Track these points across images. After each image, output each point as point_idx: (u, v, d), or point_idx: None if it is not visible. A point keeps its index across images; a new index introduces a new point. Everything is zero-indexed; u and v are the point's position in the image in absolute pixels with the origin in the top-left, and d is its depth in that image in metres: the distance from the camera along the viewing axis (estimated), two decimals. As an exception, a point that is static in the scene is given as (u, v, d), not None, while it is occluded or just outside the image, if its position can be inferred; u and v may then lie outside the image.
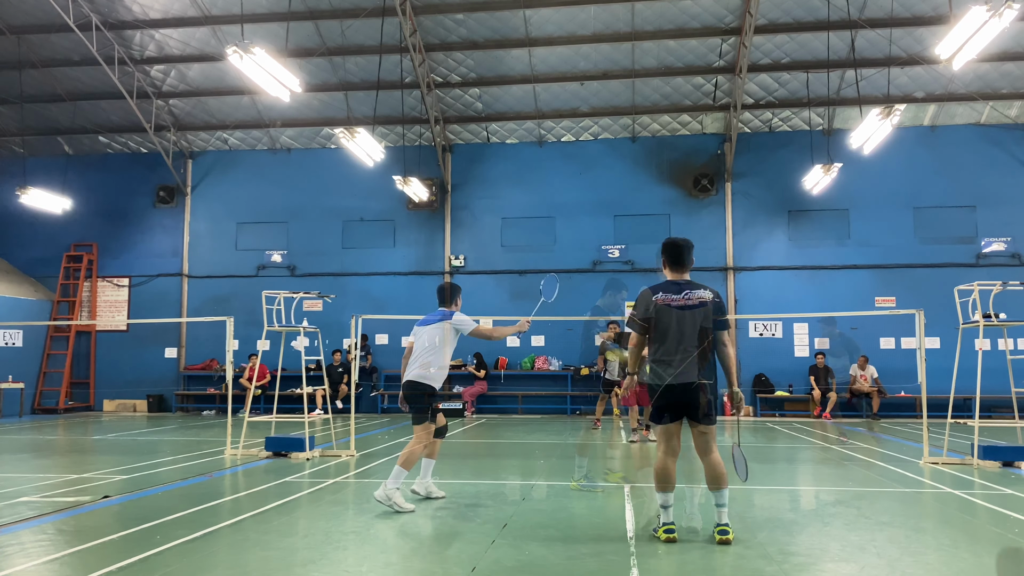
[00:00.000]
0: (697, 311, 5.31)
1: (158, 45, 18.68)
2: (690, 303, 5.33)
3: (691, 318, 5.30)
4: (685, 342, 5.27)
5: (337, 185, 20.47)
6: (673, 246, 5.61)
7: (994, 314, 9.18)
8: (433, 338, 6.82)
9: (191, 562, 4.75)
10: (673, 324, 5.30)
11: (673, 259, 5.58)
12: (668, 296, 5.38)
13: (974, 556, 4.97)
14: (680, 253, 5.56)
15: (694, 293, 5.37)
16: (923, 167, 18.79)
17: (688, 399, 5.26)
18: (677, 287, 5.43)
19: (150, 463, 9.62)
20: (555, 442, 12.28)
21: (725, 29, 17.34)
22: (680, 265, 5.55)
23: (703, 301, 5.34)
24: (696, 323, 5.29)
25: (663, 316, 5.35)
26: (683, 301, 5.34)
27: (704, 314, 5.32)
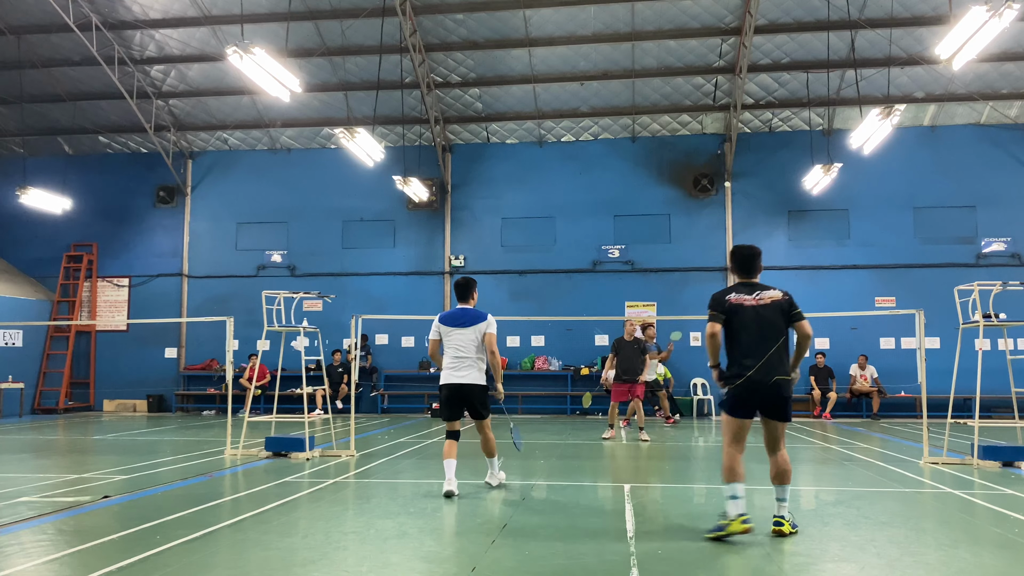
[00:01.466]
0: (770, 308, 5.51)
1: (158, 45, 18.68)
2: (762, 302, 5.53)
3: (765, 315, 5.48)
4: (763, 339, 5.42)
5: (337, 185, 20.47)
6: (740, 255, 5.83)
7: (994, 314, 9.19)
8: (477, 340, 7.14)
9: (191, 562, 4.75)
10: (749, 322, 5.47)
11: (741, 267, 5.80)
12: (741, 296, 5.57)
13: (974, 556, 4.98)
14: (746, 261, 5.79)
15: (765, 293, 5.58)
16: (923, 167, 18.79)
17: (767, 395, 5.42)
18: (749, 288, 5.64)
19: (150, 463, 9.62)
20: (555, 442, 12.28)
21: (725, 29, 17.34)
22: (748, 272, 5.76)
23: (775, 300, 5.55)
24: (771, 320, 5.47)
25: (738, 314, 5.51)
26: (755, 301, 5.53)
27: (777, 311, 5.51)
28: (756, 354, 5.39)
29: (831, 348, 18.37)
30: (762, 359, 5.36)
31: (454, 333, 7.17)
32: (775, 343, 5.41)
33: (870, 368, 17.81)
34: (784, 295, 5.62)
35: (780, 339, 5.45)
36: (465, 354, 7.12)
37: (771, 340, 5.42)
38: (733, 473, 5.40)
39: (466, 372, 7.11)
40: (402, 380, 19.64)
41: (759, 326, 5.45)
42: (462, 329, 7.15)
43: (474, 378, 7.14)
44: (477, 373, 7.14)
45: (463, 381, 7.11)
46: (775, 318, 5.48)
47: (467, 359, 7.12)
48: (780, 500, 5.44)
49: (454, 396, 7.20)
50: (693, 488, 7.89)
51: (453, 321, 7.21)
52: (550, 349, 19.32)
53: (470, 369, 7.11)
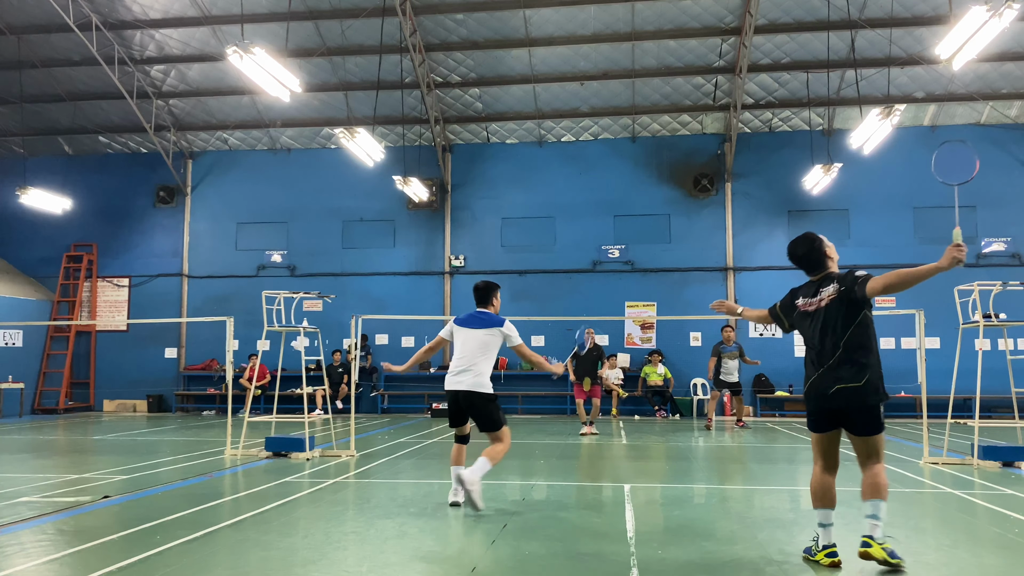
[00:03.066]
0: (829, 309, 4.76)
1: (158, 45, 18.68)
2: (823, 304, 4.80)
3: (824, 318, 4.76)
4: (825, 344, 4.72)
5: (337, 185, 20.47)
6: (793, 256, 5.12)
7: (994, 314, 9.19)
8: (486, 344, 6.54)
9: (191, 562, 4.75)
10: (808, 329, 4.87)
11: (801, 263, 5.08)
12: (805, 301, 4.95)
13: (974, 556, 4.97)
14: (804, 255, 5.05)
15: (824, 292, 4.83)
16: (923, 167, 18.57)
17: (836, 406, 4.70)
18: (814, 288, 4.95)
19: (150, 463, 9.62)
20: (555, 442, 12.28)
21: (725, 29, 17.34)
22: (811, 267, 5.04)
23: (831, 297, 4.77)
24: (831, 321, 4.73)
25: (800, 323, 4.97)
26: (817, 304, 4.84)
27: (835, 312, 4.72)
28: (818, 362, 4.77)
29: (831, 348, 18.35)
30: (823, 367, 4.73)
31: (467, 335, 6.61)
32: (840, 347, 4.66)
33: (870, 368, 17.79)
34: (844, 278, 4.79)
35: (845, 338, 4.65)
36: (465, 357, 6.53)
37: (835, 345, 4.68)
38: (823, 498, 4.82)
39: (464, 377, 6.49)
40: (402, 380, 19.63)
41: (817, 332, 4.78)
42: (473, 330, 6.60)
43: (471, 384, 6.45)
44: (474, 379, 6.46)
45: (460, 388, 6.50)
46: (835, 317, 4.71)
47: (467, 365, 6.50)
48: (871, 517, 4.66)
49: (453, 403, 6.62)
50: (693, 488, 7.89)
51: (465, 322, 6.72)
52: (550, 349, 19.27)
53: (468, 375, 6.47)
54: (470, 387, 6.44)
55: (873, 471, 4.74)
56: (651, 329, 19.32)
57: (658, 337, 19.22)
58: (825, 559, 4.64)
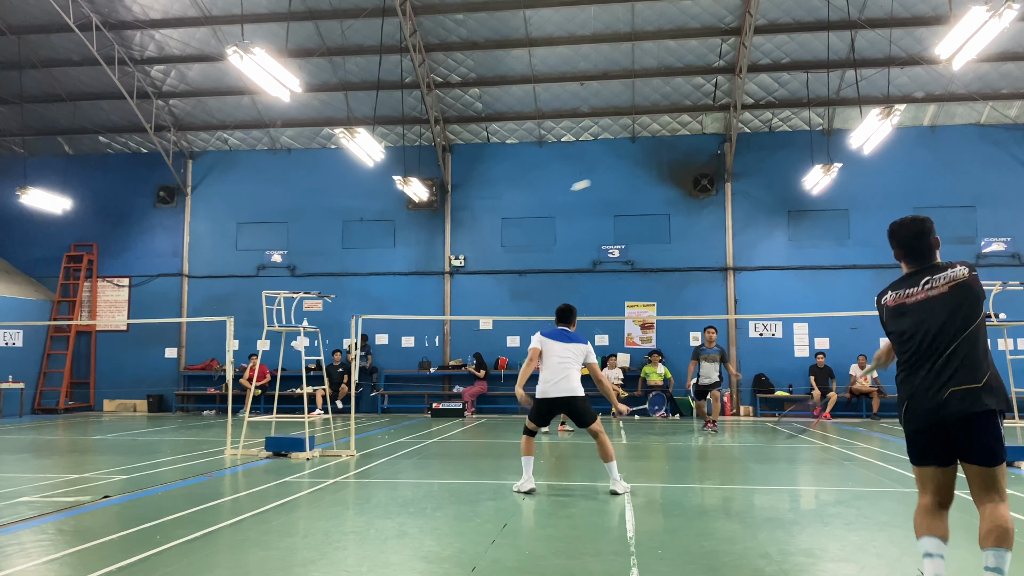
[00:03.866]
0: (946, 299, 3.76)
1: (158, 45, 18.68)
2: (933, 292, 3.81)
3: (936, 309, 3.77)
4: (931, 344, 3.74)
5: (337, 185, 20.48)
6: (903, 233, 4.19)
7: (994, 314, 9.19)
8: (577, 359, 7.54)
9: (191, 562, 4.75)
10: (909, 326, 3.84)
11: (907, 250, 4.13)
12: (900, 294, 3.98)
13: (974, 556, 4.97)
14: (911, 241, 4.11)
15: (940, 277, 3.83)
16: (923, 167, 18.79)
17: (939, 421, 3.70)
18: (915, 278, 3.97)
19: (150, 463, 9.62)
20: (555, 442, 12.28)
21: (725, 29, 17.34)
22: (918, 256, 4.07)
23: (955, 282, 3.77)
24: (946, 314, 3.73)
25: (894, 320, 3.94)
26: (924, 294, 3.85)
27: (960, 299, 3.74)
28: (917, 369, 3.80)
29: (831, 348, 18.37)
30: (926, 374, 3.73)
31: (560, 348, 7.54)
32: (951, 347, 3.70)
33: (870, 368, 17.79)
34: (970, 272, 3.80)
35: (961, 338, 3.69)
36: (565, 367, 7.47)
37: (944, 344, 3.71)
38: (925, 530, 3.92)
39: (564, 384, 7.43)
40: (402, 380, 19.64)
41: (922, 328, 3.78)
42: (565, 344, 7.57)
43: (570, 390, 7.44)
44: (573, 384, 7.45)
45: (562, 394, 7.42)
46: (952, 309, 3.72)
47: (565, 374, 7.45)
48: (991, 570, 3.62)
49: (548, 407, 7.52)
50: (693, 488, 7.89)
51: (556, 337, 7.63)
52: (550, 349, 19.27)
53: (568, 380, 7.44)
54: (570, 393, 7.42)
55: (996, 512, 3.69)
56: (651, 329, 19.32)
57: (658, 337, 19.22)
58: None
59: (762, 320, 18.69)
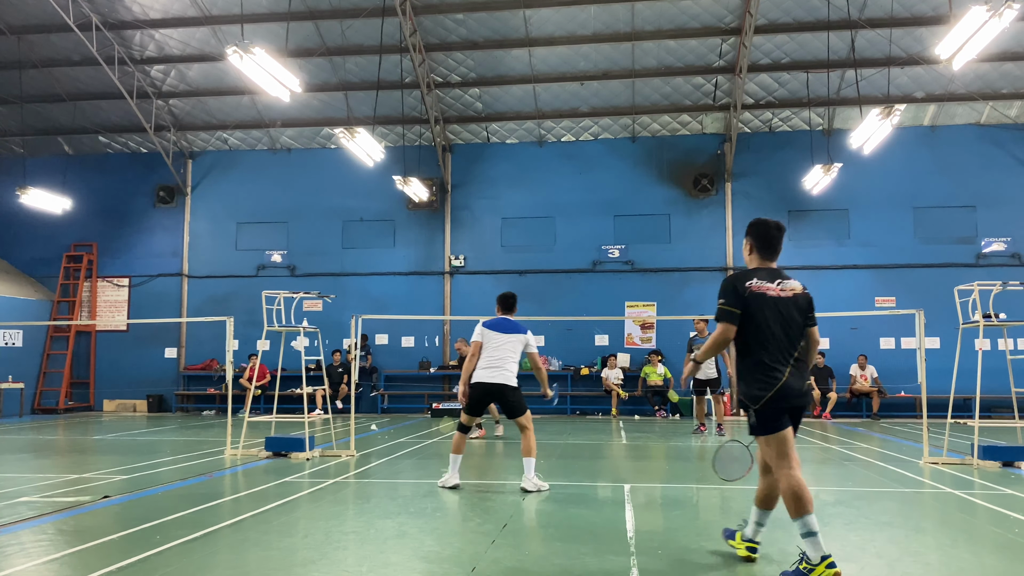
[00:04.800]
0: (795, 301, 4.51)
1: (158, 45, 18.68)
2: (784, 294, 4.49)
3: (791, 309, 4.48)
4: (790, 337, 4.43)
5: (337, 185, 20.47)
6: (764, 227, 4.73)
7: (994, 314, 9.18)
8: (515, 348, 7.72)
9: (191, 562, 4.75)
10: (771, 316, 4.43)
11: (765, 243, 4.68)
12: (763, 284, 4.49)
13: (974, 556, 4.97)
14: (772, 235, 4.69)
15: (787, 284, 4.55)
16: (923, 167, 18.79)
17: (803, 404, 4.50)
18: (770, 274, 4.57)
19: (150, 463, 9.62)
20: (555, 442, 12.28)
21: (725, 29, 17.34)
22: (772, 251, 4.69)
23: (796, 293, 4.54)
24: (796, 316, 4.48)
25: (760, 306, 4.43)
26: (778, 291, 4.49)
27: (801, 306, 4.52)
28: (785, 357, 4.40)
29: (831, 348, 18.37)
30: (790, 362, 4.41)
31: (499, 339, 7.70)
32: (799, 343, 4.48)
33: (870, 368, 17.81)
34: (805, 290, 4.63)
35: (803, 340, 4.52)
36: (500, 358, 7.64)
37: (797, 340, 4.47)
38: (807, 501, 4.25)
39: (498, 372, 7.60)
40: (402, 380, 19.64)
41: (783, 322, 4.44)
42: (504, 335, 7.72)
43: (503, 378, 7.60)
44: (507, 374, 7.62)
45: (495, 381, 7.58)
46: (797, 314, 4.50)
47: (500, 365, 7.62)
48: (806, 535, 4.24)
49: (483, 394, 7.65)
50: (693, 488, 7.89)
51: (495, 327, 7.78)
52: (550, 349, 19.30)
53: (501, 370, 7.61)
54: (504, 380, 7.57)
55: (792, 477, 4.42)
56: (651, 329, 19.32)
57: (658, 337, 19.22)
58: (826, 570, 4.12)
59: (762, 320, 18.65)
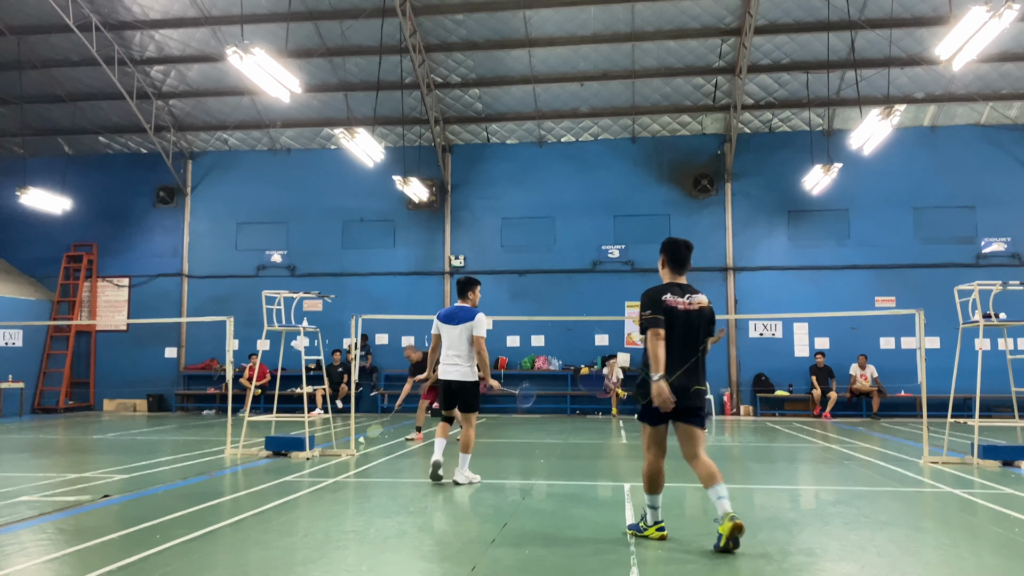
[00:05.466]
0: (700, 314, 5.29)
1: (158, 45, 18.68)
2: (692, 307, 5.28)
3: (694, 322, 5.26)
4: (689, 346, 5.21)
5: (337, 185, 20.48)
6: (675, 246, 5.54)
7: (994, 314, 9.19)
8: (461, 337, 7.66)
9: (191, 562, 4.75)
10: (679, 327, 5.20)
11: (675, 260, 5.49)
12: (675, 298, 5.27)
13: (974, 556, 4.98)
14: (682, 254, 5.51)
15: (695, 298, 5.33)
16: (923, 167, 18.79)
17: (690, 403, 5.19)
18: (680, 289, 5.36)
19: (150, 463, 9.62)
20: (555, 442, 12.28)
21: (725, 29, 17.35)
22: (681, 267, 5.49)
23: (702, 307, 5.33)
24: (698, 327, 5.26)
25: (672, 318, 5.21)
26: (687, 305, 5.27)
27: (704, 319, 5.31)
28: (681, 362, 5.14)
29: (831, 348, 18.38)
30: (685, 367, 5.14)
31: (447, 330, 7.73)
32: (699, 351, 5.23)
33: (870, 368, 17.82)
34: (710, 304, 5.41)
35: (703, 346, 5.27)
36: (455, 351, 7.66)
37: (696, 348, 5.22)
38: (658, 484, 5.36)
39: (453, 368, 7.64)
40: (402, 380, 19.59)
41: (686, 332, 5.20)
42: (451, 326, 7.71)
43: (460, 374, 7.61)
44: (464, 369, 7.62)
45: (450, 377, 7.65)
46: (701, 325, 5.28)
47: (456, 356, 7.65)
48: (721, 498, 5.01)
49: (446, 390, 7.77)
50: (693, 488, 7.88)
51: (447, 319, 7.77)
52: (550, 349, 19.31)
53: (456, 366, 7.63)
54: (460, 376, 7.63)
55: (706, 460, 5.19)
56: (651, 329, 19.28)
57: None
58: (656, 532, 5.30)
59: (762, 320, 18.69)
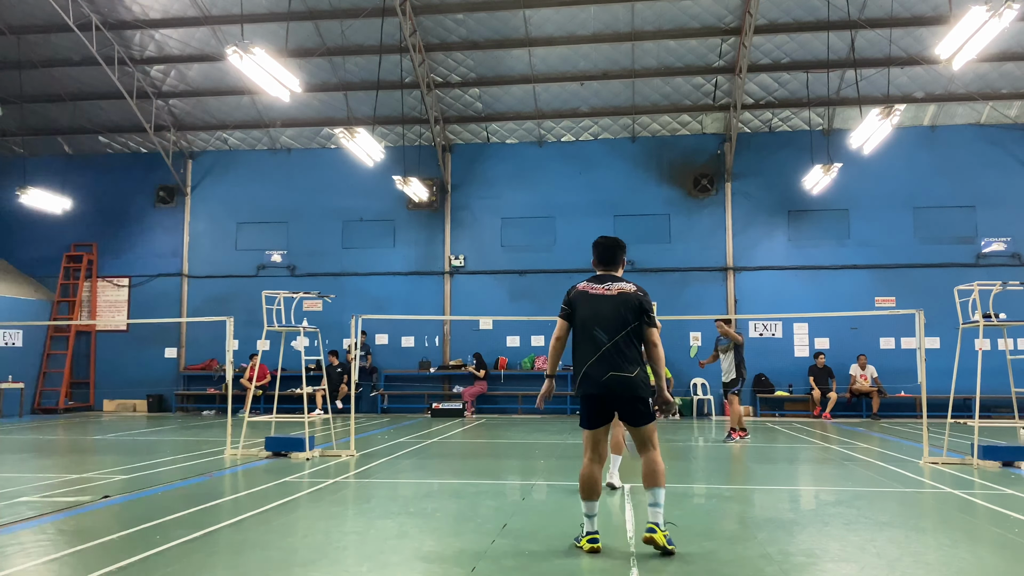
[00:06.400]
0: (616, 299, 5.09)
1: (158, 45, 18.68)
2: (609, 291, 5.13)
3: (609, 304, 5.06)
4: (601, 331, 5.00)
5: (337, 185, 20.47)
6: (600, 245, 5.46)
7: (994, 314, 9.18)
8: None
9: (191, 562, 4.75)
10: (589, 311, 5.07)
11: (600, 258, 5.42)
12: (589, 284, 5.23)
13: (974, 556, 4.97)
14: (607, 251, 5.41)
15: (615, 284, 5.18)
16: (923, 167, 18.79)
17: (611, 393, 4.97)
18: (600, 279, 5.27)
19: (150, 463, 9.62)
20: (555, 442, 12.27)
21: (725, 29, 17.34)
22: (607, 264, 5.39)
23: (623, 291, 5.13)
24: (615, 311, 5.03)
25: (581, 303, 5.14)
26: (603, 290, 5.15)
27: (624, 303, 5.06)
28: (594, 349, 4.98)
29: (831, 348, 18.38)
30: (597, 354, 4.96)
31: None
32: (616, 336, 4.97)
33: (870, 368, 17.81)
34: (638, 290, 5.16)
35: (624, 331, 4.99)
36: None
37: (612, 332, 4.98)
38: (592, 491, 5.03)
39: None
40: (402, 380, 19.64)
41: (597, 316, 5.03)
42: None
43: None
44: None
45: None
46: (620, 309, 5.03)
47: None
48: (653, 505, 4.91)
49: None
50: (693, 488, 7.89)
51: None
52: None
53: None
54: None
55: (650, 458, 5.00)
56: (651, 329, 19.28)
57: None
58: (588, 544, 4.96)
59: (762, 320, 18.68)
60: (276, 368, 10.91)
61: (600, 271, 5.40)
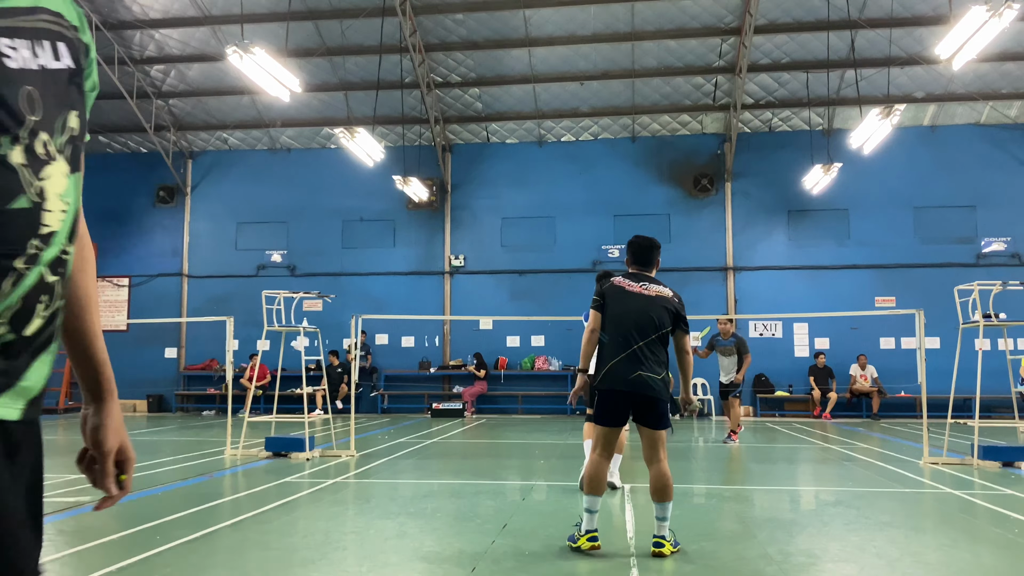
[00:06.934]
0: (655, 300, 4.98)
1: (158, 45, 18.68)
2: (647, 292, 5.00)
3: (646, 305, 4.95)
4: (634, 330, 4.89)
5: (337, 185, 20.48)
6: (636, 245, 5.31)
7: (994, 314, 9.18)
8: None
9: (191, 562, 4.75)
10: (623, 308, 4.95)
11: (636, 258, 5.29)
12: (625, 281, 5.09)
13: (974, 556, 4.97)
14: (643, 252, 5.28)
15: (653, 286, 5.05)
16: (923, 167, 18.79)
17: (635, 392, 4.85)
18: (636, 278, 5.15)
19: (150, 463, 9.62)
20: (555, 442, 12.27)
21: (725, 29, 17.35)
22: (643, 264, 5.27)
23: (662, 295, 5.02)
24: (652, 312, 4.93)
25: (614, 298, 5.01)
26: (640, 288, 5.02)
27: (662, 307, 4.97)
28: (623, 348, 4.87)
29: (831, 348, 18.38)
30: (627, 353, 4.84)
31: None
32: (648, 338, 4.87)
33: (870, 368, 17.82)
34: (675, 295, 5.09)
35: (655, 335, 4.90)
36: None
37: (644, 334, 4.87)
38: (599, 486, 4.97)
39: None
40: (402, 380, 19.64)
41: (631, 314, 4.91)
42: None
43: None
44: None
45: None
46: (654, 312, 4.93)
47: None
48: (660, 519, 4.86)
49: None
50: (693, 488, 7.89)
51: None
52: (550, 349, 19.31)
53: None
54: None
55: (661, 470, 4.88)
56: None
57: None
58: (588, 543, 4.89)
59: (762, 320, 18.69)
60: (276, 368, 10.91)
61: (634, 270, 5.27)
